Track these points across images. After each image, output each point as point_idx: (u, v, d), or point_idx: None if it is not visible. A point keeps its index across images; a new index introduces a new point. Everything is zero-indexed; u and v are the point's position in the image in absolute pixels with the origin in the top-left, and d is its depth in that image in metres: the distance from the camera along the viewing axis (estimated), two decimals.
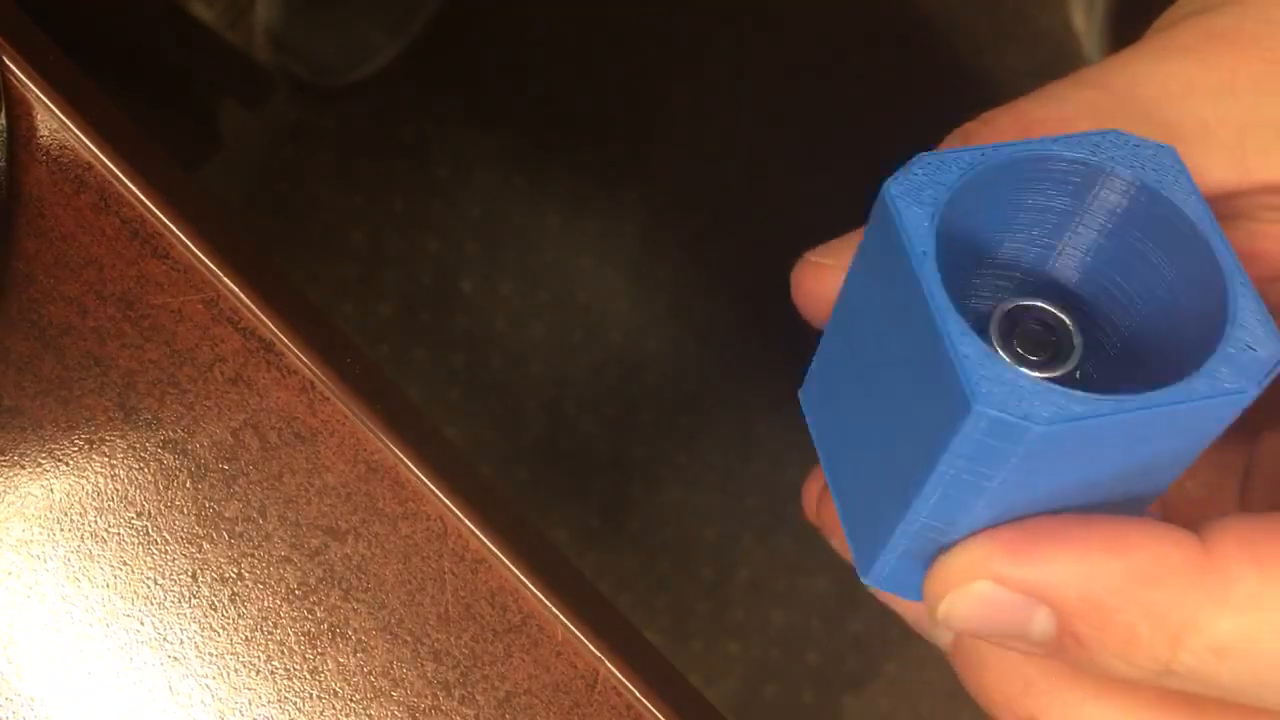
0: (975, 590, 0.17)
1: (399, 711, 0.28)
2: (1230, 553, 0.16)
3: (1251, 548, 0.16)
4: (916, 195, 0.17)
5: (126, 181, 0.29)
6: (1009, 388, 0.15)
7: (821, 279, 0.20)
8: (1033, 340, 0.18)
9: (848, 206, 0.21)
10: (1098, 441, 0.16)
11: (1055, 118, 0.19)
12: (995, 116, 0.19)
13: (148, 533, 0.28)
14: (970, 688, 0.19)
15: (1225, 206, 0.19)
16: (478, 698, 0.28)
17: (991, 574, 0.17)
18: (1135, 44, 0.19)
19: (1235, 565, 0.16)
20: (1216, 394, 0.16)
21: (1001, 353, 0.18)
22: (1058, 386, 0.16)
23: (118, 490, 0.28)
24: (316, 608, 0.28)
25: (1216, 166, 0.18)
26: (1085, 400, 0.16)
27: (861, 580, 0.19)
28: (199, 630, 0.28)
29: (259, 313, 0.28)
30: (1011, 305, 0.18)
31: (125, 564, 0.28)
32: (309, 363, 0.28)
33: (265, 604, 0.28)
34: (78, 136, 0.29)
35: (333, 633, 0.28)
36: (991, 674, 0.18)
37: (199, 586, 0.28)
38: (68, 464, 0.28)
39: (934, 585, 0.17)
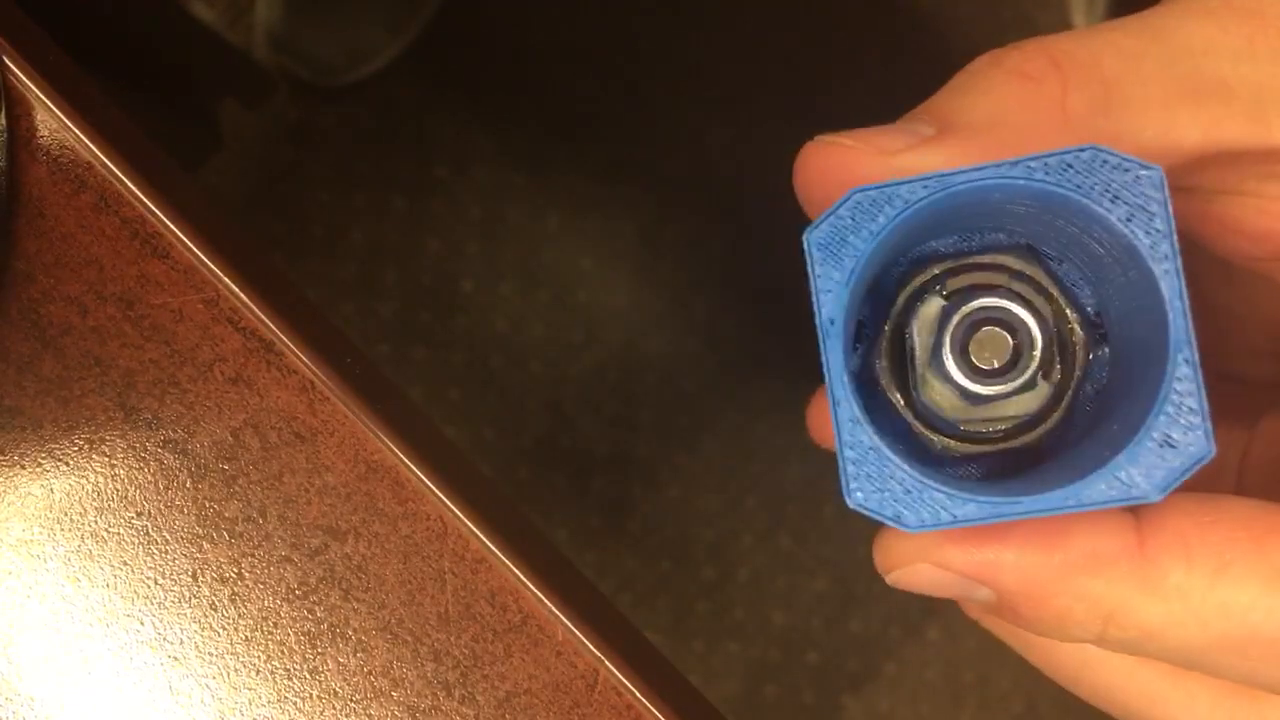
0: (919, 569, 0.18)
1: (399, 711, 0.28)
2: (1163, 545, 0.17)
3: (1183, 541, 0.17)
4: (838, 247, 0.16)
5: (126, 181, 0.29)
6: (884, 490, 0.16)
7: (829, 156, 0.19)
8: (992, 344, 0.17)
9: None
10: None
11: (1082, 56, 0.19)
12: (1024, 44, 0.19)
13: (148, 533, 0.28)
14: (1033, 626, 0.20)
15: (1240, 169, 0.19)
16: (478, 698, 0.28)
17: (934, 560, 0.18)
18: (1159, 4, 0.19)
19: (1166, 558, 0.17)
20: (1113, 500, 0.16)
21: (950, 362, 0.17)
22: (937, 488, 0.16)
23: (118, 490, 0.28)
24: (316, 608, 0.28)
25: (1236, 122, 0.18)
26: (963, 505, 0.16)
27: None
28: (199, 630, 0.28)
29: (259, 313, 0.28)
30: (974, 306, 0.17)
31: (125, 564, 0.28)
32: (309, 363, 0.28)
33: (265, 604, 0.28)
34: (78, 136, 0.29)
35: (333, 633, 0.28)
36: (1049, 602, 0.19)
37: (199, 586, 0.28)
38: (68, 464, 0.28)
39: (882, 559, 0.18)
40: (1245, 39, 0.18)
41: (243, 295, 0.29)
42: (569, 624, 0.28)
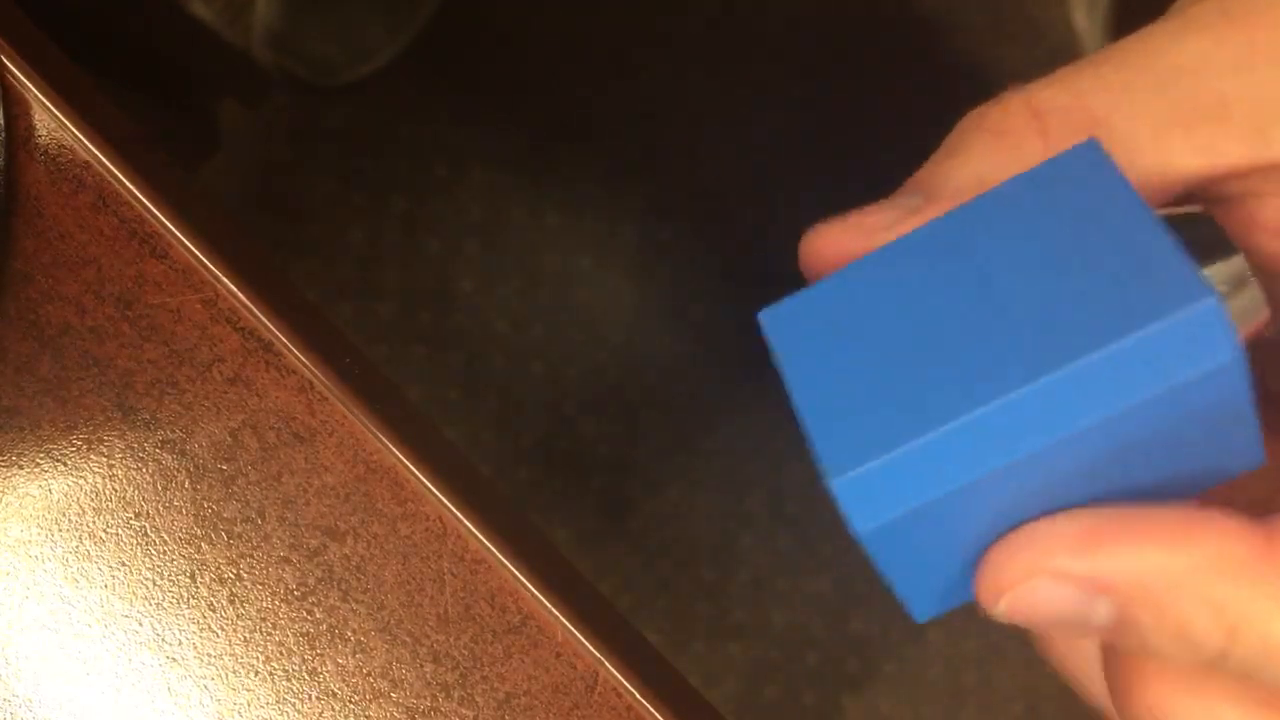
0: (1036, 587, 0.17)
1: (398, 713, 0.28)
2: None
3: None
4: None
5: (125, 181, 0.28)
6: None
7: (825, 241, 0.20)
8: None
9: (848, 205, 0.21)
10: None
11: (1064, 101, 0.19)
12: (1006, 99, 0.19)
13: (146, 533, 0.28)
14: (1118, 693, 0.19)
15: (1244, 184, 0.18)
16: (477, 699, 0.28)
17: (1053, 570, 0.16)
18: (1152, 24, 0.19)
19: None
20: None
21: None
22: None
23: (116, 490, 0.28)
24: (315, 608, 0.28)
25: (1235, 141, 0.18)
26: None
27: (828, 482, 0.17)
28: (197, 631, 0.28)
29: (258, 313, 0.28)
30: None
31: (123, 564, 0.28)
32: (308, 363, 0.28)
33: (264, 605, 0.28)
34: (76, 136, 0.28)
35: (331, 633, 0.28)
36: (1135, 689, 0.19)
37: (198, 587, 0.28)
38: (66, 464, 0.28)
39: (992, 580, 0.17)
40: (1244, 48, 0.18)
41: (241, 295, 0.28)
42: (569, 625, 0.28)
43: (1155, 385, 0.16)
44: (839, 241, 0.19)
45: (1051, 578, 0.16)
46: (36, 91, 0.29)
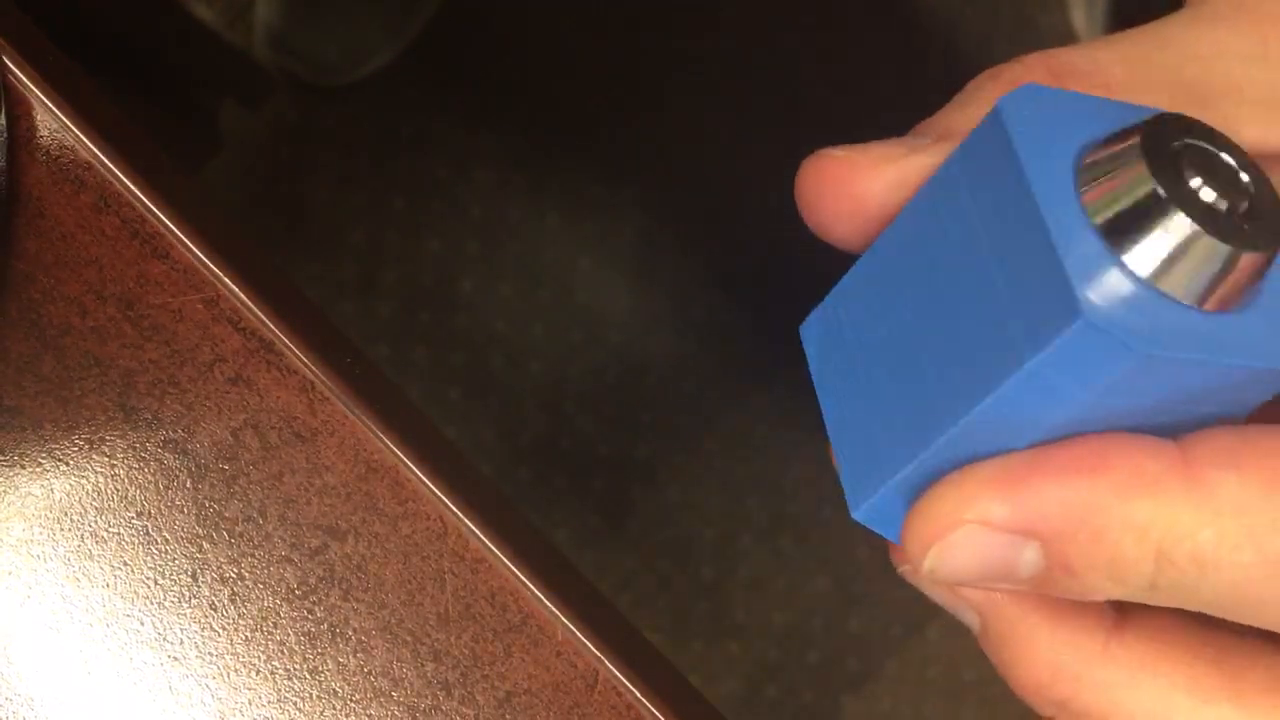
0: (961, 536, 0.16)
1: (399, 711, 0.28)
2: (1210, 460, 0.16)
3: (1232, 454, 0.16)
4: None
5: (126, 181, 0.29)
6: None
7: (827, 169, 0.19)
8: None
9: None
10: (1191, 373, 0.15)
11: (1084, 66, 0.18)
12: (1025, 58, 0.19)
13: (148, 533, 0.28)
14: (1003, 674, 0.19)
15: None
16: (477, 698, 0.28)
17: (978, 516, 0.16)
18: (1168, 15, 0.19)
19: (1215, 472, 0.16)
20: None
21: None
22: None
23: (118, 490, 0.28)
24: (316, 608, 0.28)
25: (1249, 122, 0.18)
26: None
27: (852, 515, 0.18)
28: (199, 630, 0.28)
29: (259, 313, 0.28)
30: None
31: (125, 564, 0.28)
32: (309, 363, 0.28)
33: (265, 604, 0.28)
34: (78, 136, 0.29)
35: (332, 633, 0.28)
36: (1021, 664, 0.19)
37: (199, 586, 0.28)
38: (68, 464, 0.28)
39: (918, 532, 0.17)
40: (1258, 42, 0.18)
41: (243, 295, 0.29)
42: (569, 624, 0.28)
43: (1069, 396, 0.16)
44: (844, 173, 0.18)
45: (977, 525, 0.16)
46: (38, 92, 0.29)
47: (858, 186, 0.18)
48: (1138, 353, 0.15)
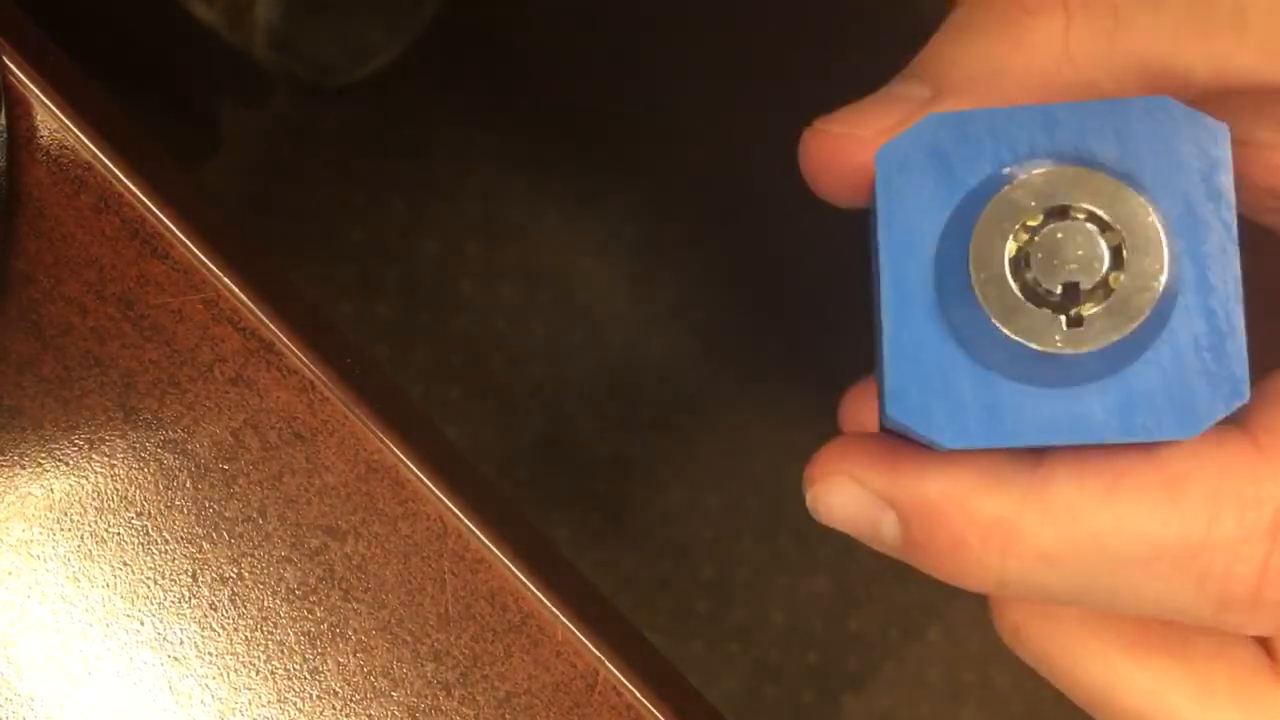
0: (834, 484, 0.18)
1: (399, 711, 0.28)
2: (1054, 466, 0.16)
3: (1075, 460, 0.16)
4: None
5: (126, 181, 0.29)
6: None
7: (825, 147, 0.19)
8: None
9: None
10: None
11: None
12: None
13: (148, 533, 0.28)
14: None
15: (1255, 116, 0.18)
16: (478, 698, 0.28)
17: (848, 472, 0.18)
18: None
19: (1058, 478, 0.16)
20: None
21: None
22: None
23: (118, 490, 0.28)
24: (316, 608, 0.28)
25: (1248, 53, 0.17)
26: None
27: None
28: (199, 630, 0.28)
29: (259, 313, 0.28)
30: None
31: (125, 564, 0.28)
32: (309, 363, 0.28)
33: (265, 604, 0.28)
34: (78, 136, 0.29)
35: (333, 633, 0.28)
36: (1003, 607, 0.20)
37: (199, 586, 0.28)
38: (68, 464, 0.28)
39: (809, 469, 0.19)
40: None
41: (243, 295, 0.29)
42: (569, 624, 0.28)
43: None
44: (841, 149, 0.19)
45: (849, 478, 0.18)
46: (38, 92, 0.29)
47: (859, 158, 0.18)
48: (947, 446, 0.16)
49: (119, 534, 0.28)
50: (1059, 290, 0.15)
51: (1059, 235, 0.15)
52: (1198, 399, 0.15)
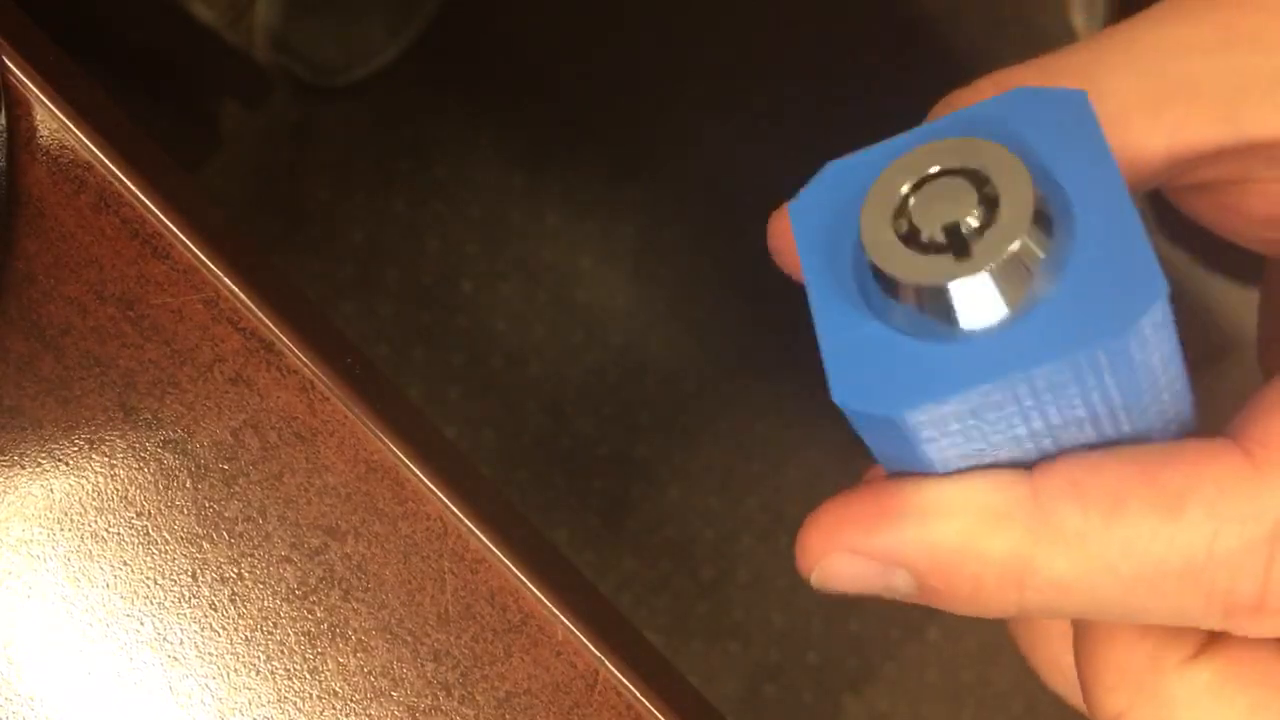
0: (835, 561, 0.18)
1: (399, 711, 0.28)
2: (1054, 491, 0.17)
3: (1074, 483, 0.16)
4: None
5: (126, 181, 0.29)
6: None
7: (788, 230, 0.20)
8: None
9: None
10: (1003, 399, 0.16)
11: (1033, 80, 0.19)
12: (978, 82, 0.20)
13: (148, 533, 0.28)
14: (1044, 666, 0.20)
15: (1218, 169, 0.18)
16: (477, 698, 0.28)
17: (845, 547, 0.18)
18: (1139, 13, 0.19)
19: (1060, 503, 0.16)
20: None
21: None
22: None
23: (118, 490, 0.28)
24: (316, 608, 0.28)
25: (1202, 121, 0.18)
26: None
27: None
28: (199, 630, 0.28)
29: (259, 313, 0.28)
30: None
31: (125, 564, 0.28)
32: (309, 363, 0.28)
33: (265, 604, 0.28)
34: (78, 136, 0.29)
35: (333, 633, 0.28)
36: (1089, 662, 0.19)
37: (199, 586, 0.28)
38: (68, 464, 0.28)
39: (801, 558, 0.18)
40: (1221, 30, 0.18)
41: (243, 295, 0.29)
42: (569, 624, 0.28)
43: (905, 445, 0.17)
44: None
45: (848, 553, 0.18)
46: (38, 92, 0.29)
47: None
48: (899, 414, 0.16)
49: (119, 534, 0.28)
50: (942, 235, 0.16)
51: (930, 191, 0.16)
52: (1123, 299, 0.15)
